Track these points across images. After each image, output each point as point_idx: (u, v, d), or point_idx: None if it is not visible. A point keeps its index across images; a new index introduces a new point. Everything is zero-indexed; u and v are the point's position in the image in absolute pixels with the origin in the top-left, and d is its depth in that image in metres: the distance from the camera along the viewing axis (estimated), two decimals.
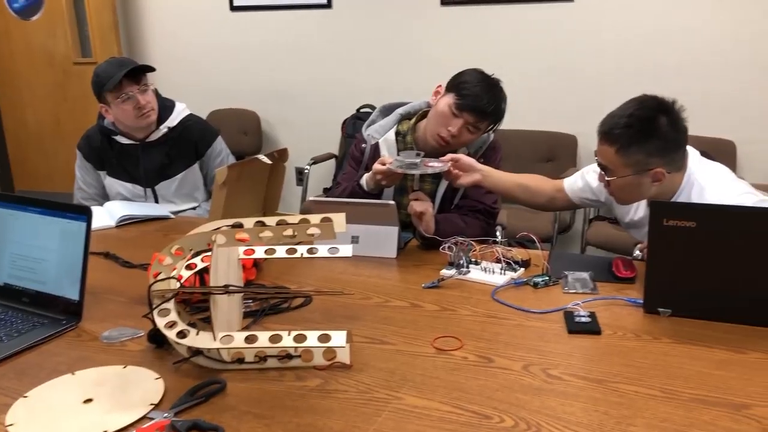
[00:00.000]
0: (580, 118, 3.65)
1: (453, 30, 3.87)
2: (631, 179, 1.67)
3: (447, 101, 1.98)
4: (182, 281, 1.31)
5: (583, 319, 1.42)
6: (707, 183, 1.67)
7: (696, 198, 1.66)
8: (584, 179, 1.98)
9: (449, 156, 1.88)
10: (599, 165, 1.73)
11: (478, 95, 1.95)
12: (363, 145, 2.16)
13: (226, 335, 1.22)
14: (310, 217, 1.30)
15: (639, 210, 1.87)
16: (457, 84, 2.00)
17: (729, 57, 3.33)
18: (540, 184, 2.02)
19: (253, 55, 4.41)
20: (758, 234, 1.35)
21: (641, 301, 1.48)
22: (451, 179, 1.91)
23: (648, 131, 1.62)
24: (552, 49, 3.67)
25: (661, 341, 1.34)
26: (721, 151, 3.21)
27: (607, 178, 1.71)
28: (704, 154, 1.83)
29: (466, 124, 1.97)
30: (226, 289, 1.24)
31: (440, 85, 2.06)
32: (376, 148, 2.12)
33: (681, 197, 1.70)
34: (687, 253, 1.40)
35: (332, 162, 4.17)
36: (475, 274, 1.70)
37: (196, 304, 1.49)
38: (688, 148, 1.72)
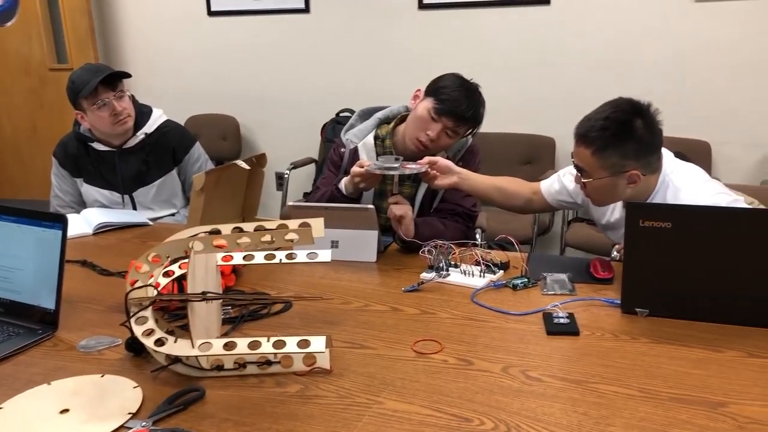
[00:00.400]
0: (558, 120, 3.67)
1: (431, 34, 3.88)
2: (607, 181, 1.68)
3: (426, 106, 1.98)
4: (160, 289, 1.30)
5: (562, 321, 1.43)
6: (682, 184, 1.69)
7: (671, 199, 1.68)
8: (561, 182, 1.99)
9: (427, 158, 1.89)
10: (576, 167, 1.75)
11: (457, 100, 1.95)
12: (342, 150, 2.16)
13: (205, 342, 1.21)
14: (288, 222, 1.30)
15: (615, 212, 1.88)
16: (436, 89, 2.00)
17: (704, 59, 3.38)
18: (517, 187, 2.03)
19: (232, 59, 4.39)
20: (732, 234, 1.36)
21: (619, 302, 1.49)
22: (428, 181, 1.92)
23: (624, 134, 1.64)
24: (530, 52, 3.69)
25: (639, 341, 1.35)
26: (696, 152, 3.25)
27: (583, 180, 1.72)
28: (679, 154, 1.85)
29: (444, 129, 1.97)
30: (204, 296, 1.23)
31: (419, 90, 2.07)
32: (354, 152, 2.12)
33: (656, 198, 1.71)
34: (663, 253, 1.41)
35: (312, 166, 4.16)
36: (455, 277, 1.70)
37: (174, 311, 1.48)
38: (663, 149, 1.74)
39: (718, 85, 3.38)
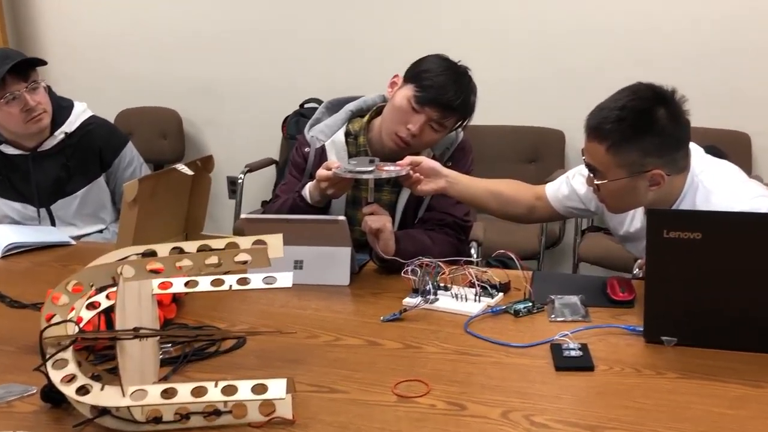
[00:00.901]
0: (568, 110, 3.66)
1: (415, 12, 3.90)
2: (625, 183, 1.69)
3: (405, 94, 1.99)
4: (83, 324, 1.28)
5: (573, 353, 1.43)
6: (714, 186, 1.71)
7: (701, 204, 1.70)
8: (569, 184, 2.01)
9: (408, 159, 1.89)
10: (587, 166, 1.76)
11: (443, 86, 1.96)
12: (306, 149, 2.15)
13: (139, 390, 1.20)
14: (239, 240, 1.29)
15: (635, 220, 1.90)
16: (417, 73, 2.01)
17: (740, 36, 3.42)
18: (517, 192, 2.04)
19: (173, 43, 4.37)
20: None
21: (641, 329, 1.50)
22: (410, 186, 1.92)
23: (644, 126, 1.65)
24: (532, 28, 3.72)
25: (666, 376, 1.36)
26: (732, 146, 3.28)
27: (596, 182, 1.73)
28: (712, 149, 1.87)
29: (428, 121, 1.98)
30: (137, 333, 1.21)
31: (397, 75, 2.08)
32: (322, 152, 2.12)
33: (684, 204, 1.73)
34: (693, 270, 1.42)
35: (272, 169, 4.15)
36: (445, 302, 1.70)
37: (101, 351, 1.46)
38: (691, 144, 1.76)
39: (757, 67, 3.43)
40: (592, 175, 1.75)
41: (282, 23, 4.15)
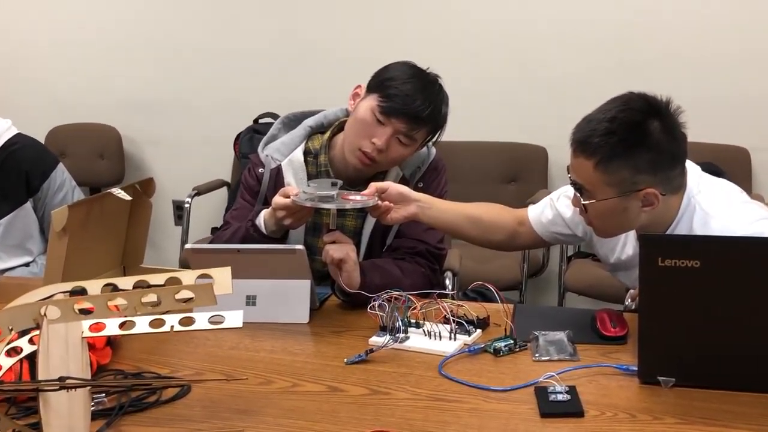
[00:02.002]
0: (550, 125, 3.70)
1: (383, 19, 3.91)
2: (615, 203, 1.69)
3: (369, 105, 1.98)
4: (1, 373, 1.25)
5: (560, 397, 1.41)
6: (712, 208, 1.71)
7: (699, 229, 1.70)
8: (554, 207, 2.01)
9: (373, 186, 1.87)
10: (573, 184, 1.76)
11: (410, 95, 1.96)
12: (260, 170, 2.14)
13: None
14: (181, 274, 1.27)
15: (627, 246, 1.90)
16: (381, 81, 2.00)
17: (737, 48, 3.47)
18: (498, 216, 2.03)
19: (110, 53, 4.35)
20: None
21: (635, 369, 1.49)
22: (378, 216, 1.90)
23: (636, 140, 1.66)
24: (511, 38, 3.75)
25: (664, 422, 1.35)
26: (731, 161, 3.33)
27: (583, 202, 1.73)
28: (709, 166, 1.88)
29: (395, 134, 1.97)
30: (62, 383, 1.18)
31: (359, 86, 2.07)
32: (278, 172, 2.10)
33: (680, 227, 1.73)
34: (691, 301, 1.41)
35: (223, 192, 4.13)
36: (416, 340, 1.69)
37: (24, 403, 1.43)
38: (687, 162, 1.76)
39: (756, 77, 3.47)
40: (578, 194, 1.75)
41: (233, 30, 4.14)
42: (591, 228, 1.84)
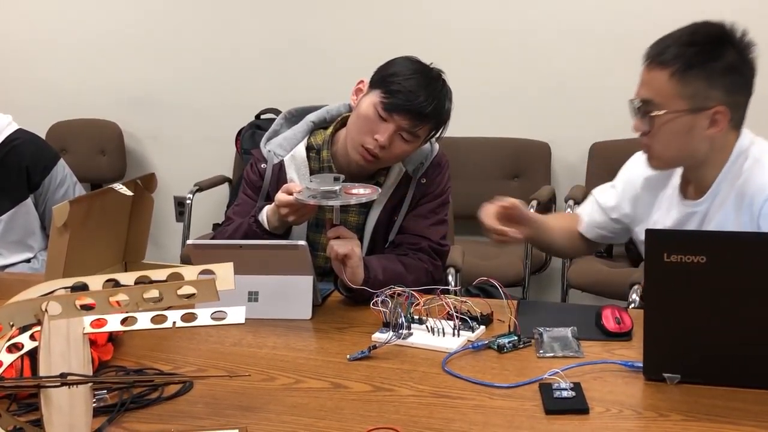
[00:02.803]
0: (553, 121, 3.72)
1: (386, 15, 3.90)
2: (684, 119, 1.70)
3: (372, 101, 1.97)
4: (2, 369, 1.24)
5: (565, 394, 1.41)
6: (764, 157, 1.73)
7: (745, 177, 1.71)
8: (593, 199, 2.06)
9: (505, 202, 1.83)
10: (641, 104, 1.74)
11: (413, 91, 1.95)
12: (262, 165, 2.13)
13: None
14: (183, 270, 1.25)
15: (671, 209, 1.89)
16: (383, 77, 1.99)
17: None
18: (571, 224, 2.05)
19: (112, 48, 4.35)
20: None
21: (641, 365, 1.49)
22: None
23: (714, 53, 1.68)
24: (515, 36, 3.74)
25: (670, 418, 1.34)
26: None
27: (654, 113, 1.71)
28: None
29: (398, 131, 1.96)
30: (63, 380, 1.17)
31: (362, 81, 2.06)
32: (280, 168, 2.10)
33: (728, 175, 1.75)
34: (697, 297, 1.41)
35: (224, 188, 4.13)
36: (420, 337, 1.68)
37: (25, 399, 1.43)
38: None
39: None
40: (642, 110, 1.75)
41: (235, 25, 4.14)
42: (648, 154, 1.82)
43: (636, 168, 1.97)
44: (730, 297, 1.40)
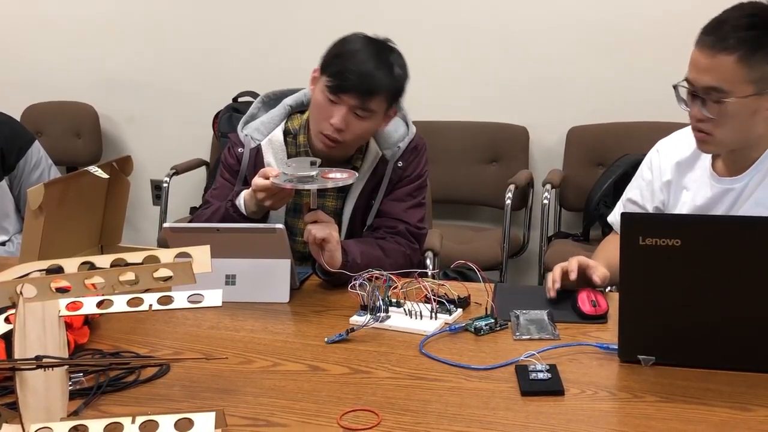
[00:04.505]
0: (531, 105, 3.72)
1: None
2: (751, 103, 1.70)
3: (320, 87, 1.97)
4: None
5: (541, 376, 1.42)
6: None
7: None
8: (624, 201, 2.06)
9: (567, 266, 1.77)
10: (702, 91, 1.72)
11: (355, 69, 1.94)
12: (239, 150, 2.12)
13: (43, 428, 1.15)
14: (159, 253, 1.25)
15: (702, 189, 1.89)
16: (328, 61, 1.99)
17: None
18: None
19: (87, 30, 4.31)
20: (763, 253, 1.38)
21: (616, 347, 1.50)
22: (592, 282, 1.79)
23: None
24: (491, 19, 3.73)
25: (644, 400, 1.36)
26: None
27: (724, 100, 1.70)
28: None
29: (351, 110, 1.95)
30: (39, 362, 1.17)
31: (316, 69, 2.04)
32: (257, 153, 2.09)
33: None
34: (672, 280, 1.42)
35: (201, 171, 4.12)
36: (397, 320, 1.69)
37: (0, 383, 1.42)
38: None
39: None
40: (705, 101, 1.73)
41: (212, 7, 4.11)
42: (706, 139, 1.82)
43: (665, 155, 1.96)
44: (704, 279, 1.41)
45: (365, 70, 1.94)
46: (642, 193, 2.00)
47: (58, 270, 1.24)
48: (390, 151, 2.09)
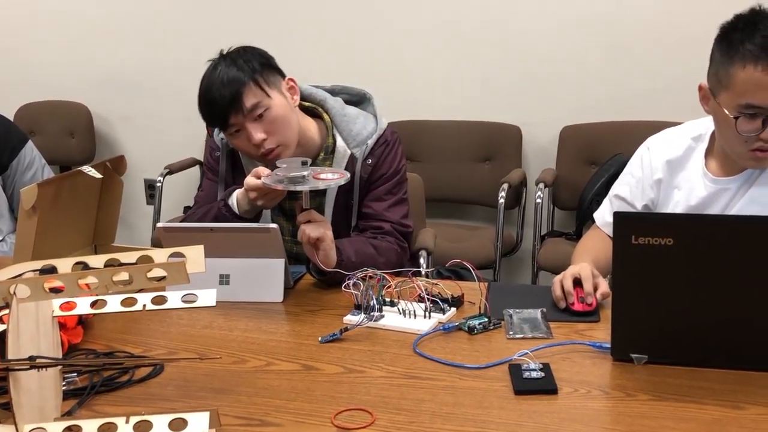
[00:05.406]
0: (524, 104, 3.72)
1: (357, 1, 3.87)
2: None
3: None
4: None
5: (534, 375, 1.42)
6: None
7: None
8: (611, 198, 2.04)
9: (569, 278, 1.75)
10: (758, 109, 1.67)
11: (206, 100, 2.00)
12: (217, 153, 2.13)
13: (37, 428, 1.15)
14: (153, 253, 1.25)
15: (696, 188, 1.88)
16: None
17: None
18: (604, 244, 1.96)
19: (80, 29, 4.30)
20: (755, 252, 1.38)
21: (608, 346, 1.50)
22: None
23: None
24: (484, 18, 3.72)
25: (637, 398, 1.36)
26: None
27: None
28: None
29: (249, 122, 1.95)
30: (32, 363, 1.16)
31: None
32: (234, 153, 2.11)
33: None
34: (664, 279, 1.42)
35: (195, 171, 4.10)
36: (391, 319, 1.69)
37: None
38: None
39: None
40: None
41: (205, 7, 4.10)
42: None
43: (656, 153, 1.95)
44: (697, 278, 1.41)
45: (216, 94, 1.97)
46: (631, 190, 1.99)
47: (52, 270, 1.23)
48: (359, 149, 2.07)
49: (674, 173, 1.93)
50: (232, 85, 1.95)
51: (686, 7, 3.47)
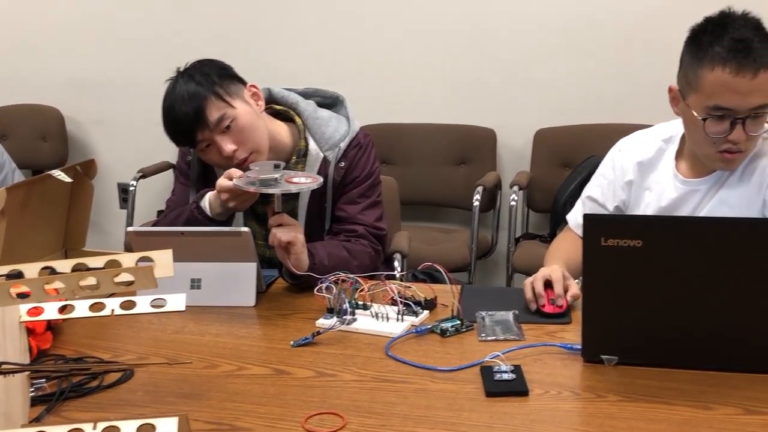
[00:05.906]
0: (498, 107, 3.73)
1: (333, 2, 3.87)
2: None
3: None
4: None
5: (505, 376, 1.43)
6: None
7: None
8: (584, 199, 2.05)
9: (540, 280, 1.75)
10: (745, 113, 1.68)
11: (171, 118, 1.97)
12: (188, 158, 2.12)
13: None
14: (121, 257, 1.24)
15: (666, 190, 1.89)
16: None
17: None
18: (575, 246, 1.93)
19: (52, 32, 4.26)
20: (723, 253, 1.39)
21: (579, 348, 1.51)
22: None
23: None
24: (459, 21, 3.73)
25: (607, 399, 1.37)
26: None
27: (766, 113, 1.70)
28: None
29: (218, 136, 1.94)
30: None
31: None
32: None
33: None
34: (634, 281, 1.43)
35: (169, 174, 4.06)
36: (363, 322, 1.69)
37: None
38: None
39: None
40: (747, 122, 1.70)
41: (178, 8, 4.08)
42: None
43: (627, 155, 1.96)
44: (666, 280, 1.42)
45: (178, 113, 1.95)
46: (603, 191, 2.00)
47: (18, 275, 1.22)
48: (332, 152, 2.07)
49: (645, 175, 1.94)
50: (193, 101, 1.94)
51: (657, 10, 3.50)
